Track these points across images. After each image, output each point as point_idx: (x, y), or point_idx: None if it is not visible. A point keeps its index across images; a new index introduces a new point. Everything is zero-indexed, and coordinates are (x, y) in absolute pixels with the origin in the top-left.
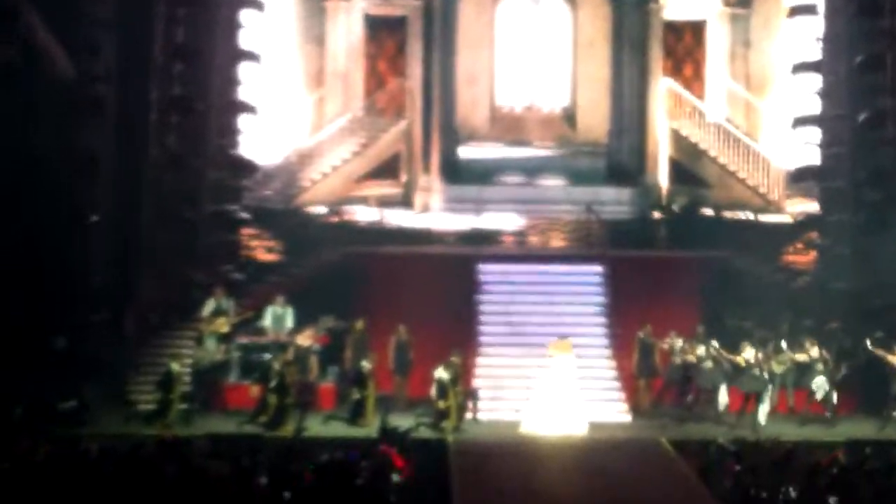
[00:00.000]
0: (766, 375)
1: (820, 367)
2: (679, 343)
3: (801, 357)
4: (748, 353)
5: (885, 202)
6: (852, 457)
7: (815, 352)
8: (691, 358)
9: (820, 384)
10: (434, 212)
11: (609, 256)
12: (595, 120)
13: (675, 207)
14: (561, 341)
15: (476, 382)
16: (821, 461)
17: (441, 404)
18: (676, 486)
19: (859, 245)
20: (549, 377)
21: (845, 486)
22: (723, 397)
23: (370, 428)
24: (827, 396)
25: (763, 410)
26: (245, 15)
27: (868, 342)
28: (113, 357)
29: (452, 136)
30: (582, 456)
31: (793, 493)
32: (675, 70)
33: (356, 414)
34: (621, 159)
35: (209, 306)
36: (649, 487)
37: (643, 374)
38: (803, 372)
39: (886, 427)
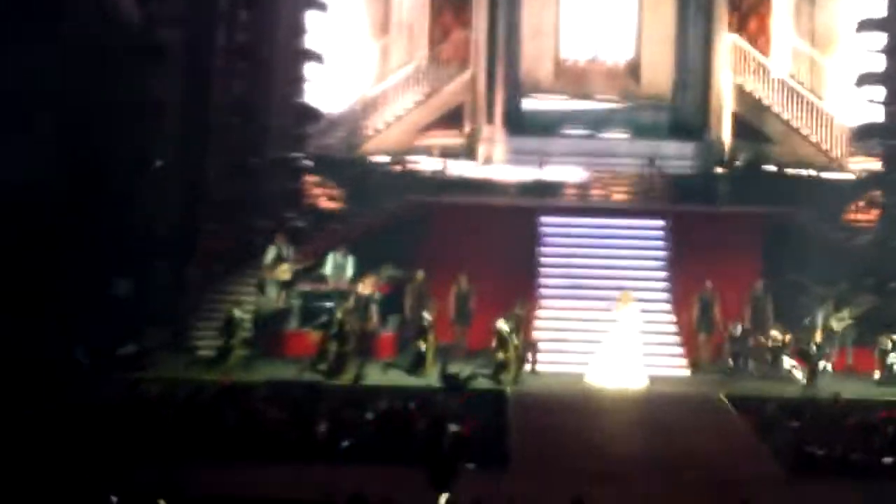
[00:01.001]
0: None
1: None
2: (739, 330)
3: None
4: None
5: None
6: None
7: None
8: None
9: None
10: (497, 163)
11: (671, 211)
12: (659, 74)
13: (738, 163)
14: (625, 294)
15: (536, 335)
16: (877, 419)
17: (501, 355)
18: (734, 442)
19: None
20: (615, 330)
21: None
22: (787, 363)
23: (430, 377)
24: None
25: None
26: None
27: None
28: (175, 303)
29: (516, 87)
30: (640, 410)
31: (849, 452)
32: (739, 25)
33: (416, 363)
34: (684, 114)
35: (271, 253)
36: (707, 443)
37: (703, 330)
38: (863, 330)
39: None
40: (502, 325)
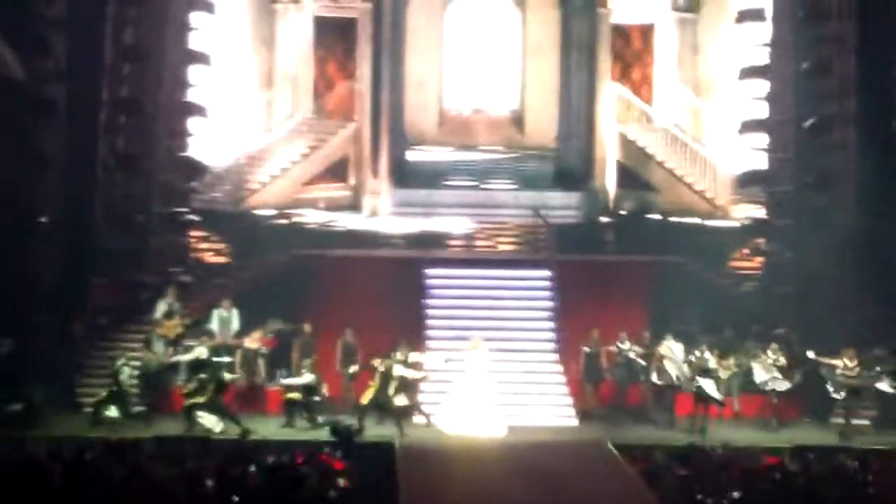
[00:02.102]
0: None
1: (772, 371)
2: (627, 345)
3: (749, 361)
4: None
5: (830, 207)
6: (796, 462)
7: (766, 357)
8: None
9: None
10: (382, 215)
11: (557, 261)
12: (543, 124)
13: (623, 212)
14: (475, 340)
15: (423, 385)
16: (764, 466)
17: (385, 402)
18: (621, 489)
19: (805, 250)
20: (465, 377)
21: (788, 491)
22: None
23: (318, 431)
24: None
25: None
26: (195, 16)
27: (812, 353)
28: (62, 359)
29: (401, 139)
30: (528, 459)
31: (736, 497)
32: (623, 74)
33: (303, 416)
34: (569, 163)
35: (161, 308)
36: (594, 490)
37: (590, 379)
38: (749, 376)
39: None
40: (387, 369)
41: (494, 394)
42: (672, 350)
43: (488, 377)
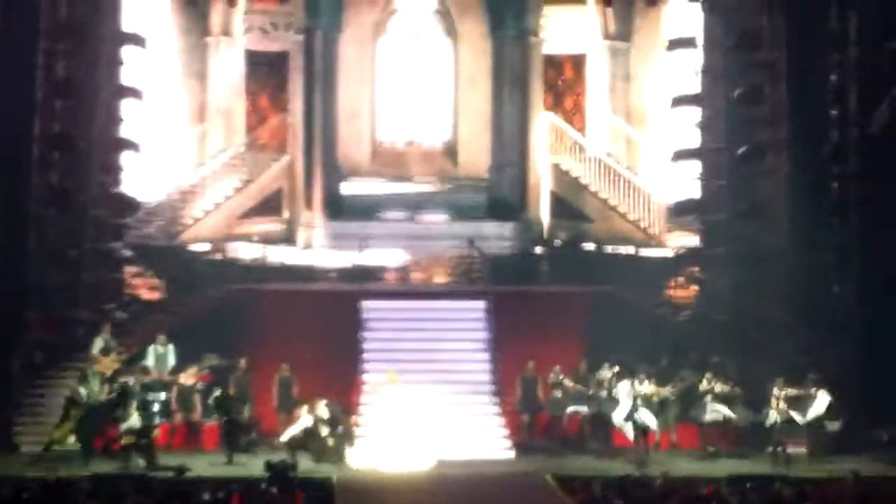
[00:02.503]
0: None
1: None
2: (561, 377)
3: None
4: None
5: (763, 234)
6: (733, 491)
7: (703, 384)
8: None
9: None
10: (317, 248)
11: (492, 292)
12: (476, 155)
13: (557, 242)
14: (391, 373)
15: (359, 420)
16: (702, 496)
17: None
18: None
19: (739, 277)
20: (385, 411)
21: None
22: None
23: (255, 466)
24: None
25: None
26: (127, 51)
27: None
28: None
29: (334, 171)
30: (466, 491)
31: None
32: (555, 104)
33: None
34: (503, 194)
35: (97, 345)
36: None
37: (526, 410)
38: (686, 406)
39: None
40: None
41: (418, 426)
42: (608, 380)
43: (410, 410)
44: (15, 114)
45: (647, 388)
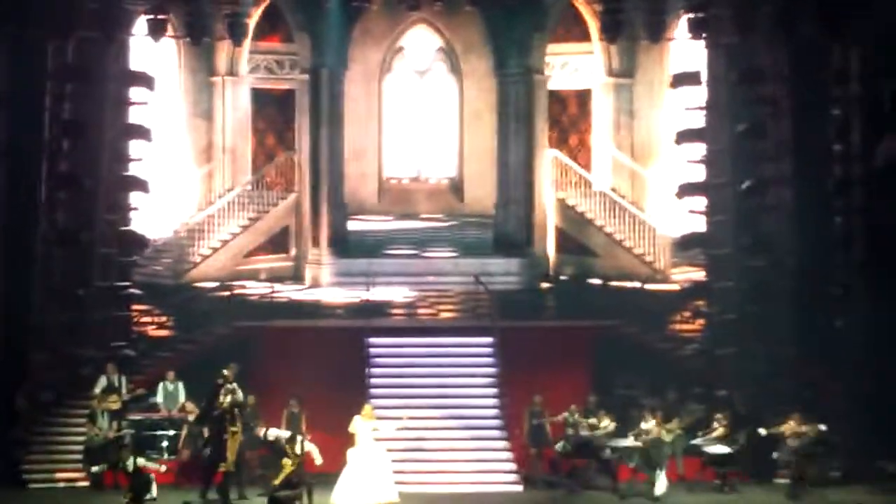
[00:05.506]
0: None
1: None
2: (575, 416)
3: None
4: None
5: (768, 269)
6: None
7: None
8: (586, 430)
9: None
10: (324, 285)
11: (499, 327)
12: (482, 191)
13: (563, 277)
14: (367, 407)
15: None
16: None
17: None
18: None
19: (745, 312)
20: (358, 446)
21: None
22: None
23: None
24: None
25: (660, 481)
26: (134, 91)
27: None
28: (5, 436)
29: (341, 209)
30: None
31: None
32: (560, 140)
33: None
34: (508, 230)
35: (101, 383)
36: None
37: (534, 445)
38: (693, 439)
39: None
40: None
41: (387, 461)
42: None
43: (380, 445)
44: (23, 154)
45: (654, 422)
